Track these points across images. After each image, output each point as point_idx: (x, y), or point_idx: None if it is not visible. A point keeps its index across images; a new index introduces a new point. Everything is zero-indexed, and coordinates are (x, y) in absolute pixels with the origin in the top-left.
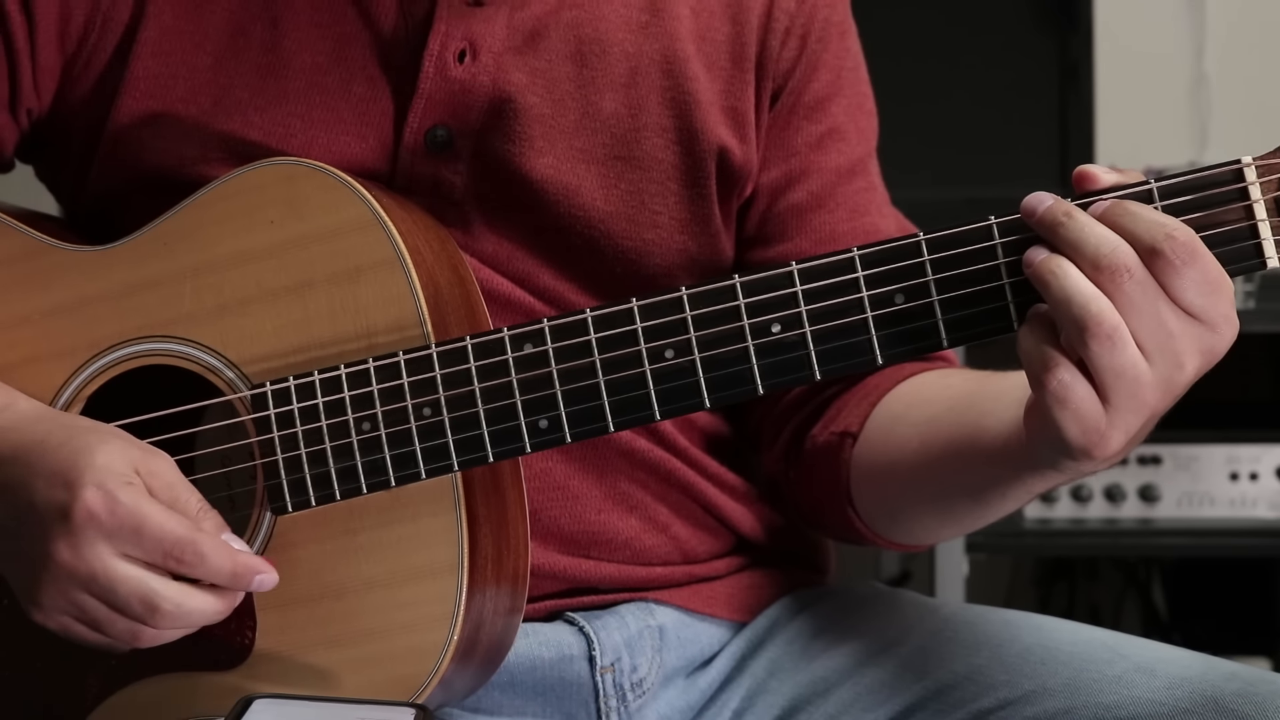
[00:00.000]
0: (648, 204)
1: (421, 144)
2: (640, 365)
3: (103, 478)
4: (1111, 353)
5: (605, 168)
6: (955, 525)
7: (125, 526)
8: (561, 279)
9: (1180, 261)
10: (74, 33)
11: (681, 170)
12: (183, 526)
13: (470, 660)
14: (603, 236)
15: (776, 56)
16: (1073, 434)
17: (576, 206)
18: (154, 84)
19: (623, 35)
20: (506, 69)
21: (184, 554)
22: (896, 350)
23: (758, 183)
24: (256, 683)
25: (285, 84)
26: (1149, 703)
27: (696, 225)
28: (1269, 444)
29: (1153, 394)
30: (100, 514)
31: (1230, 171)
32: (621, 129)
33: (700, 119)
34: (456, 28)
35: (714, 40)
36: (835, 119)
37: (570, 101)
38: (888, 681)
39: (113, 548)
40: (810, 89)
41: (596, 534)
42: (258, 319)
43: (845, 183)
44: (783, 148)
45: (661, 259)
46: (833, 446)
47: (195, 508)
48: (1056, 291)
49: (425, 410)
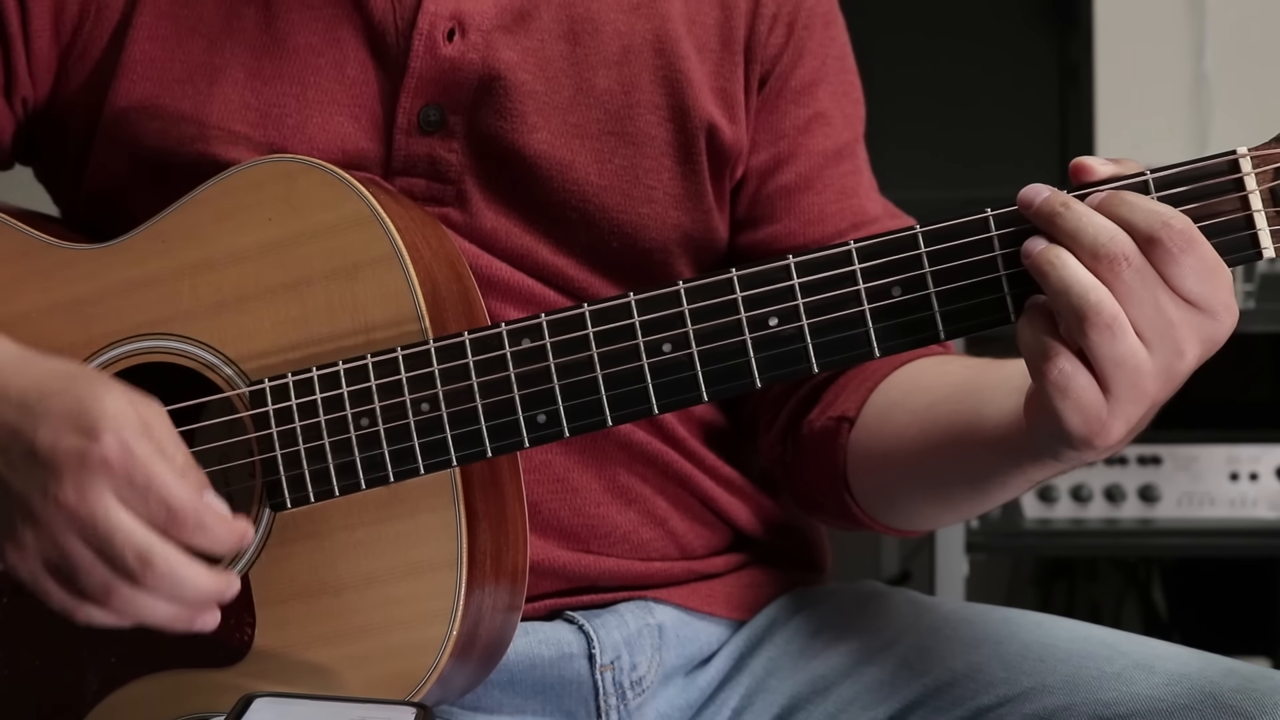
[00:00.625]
0: (642, 179)
1: (415, 123)
2: (638, 359)
3: (119, 426)
4: (1111, 342)
5: (599, 143)
6: (953, 512)
7: (136, 479)
8: (559, 254)
9: (1178, 249)
10: (69, 21)
11: (674, 146)
12: (190, 494)
13: (469, 657)
14: (598, 210)
15: (764, 42)
16: (1074, 424)
17: (571, 181)
18: (150, 68)
19: (614, 15)
20: (496, 47)
21: (185, 521)
22: (894, 342)
23: (747, 166)
24: (255, 680)
25: (280, 64)
26: (1148, 699)
27: (690, 201)
28: (1269, 444)
29: (1153, 383)
30: (115, 463)
31: (1226, 162)
32: (615, 105)
33: (692, 97)
34: (445, 7)
35: (704, 24)
36: (821, 104)
37: (564, 78)
38: (887, 679)
39: (118, 496)
40: (796, 74)
41: (595, 527)
42: (256, 316)
43: (832, 165)
44: (770, 131)
45: (657, 233)
46: (829, 431)
47: (181, 461)
48: (1055, 281)
49: (423, 406)
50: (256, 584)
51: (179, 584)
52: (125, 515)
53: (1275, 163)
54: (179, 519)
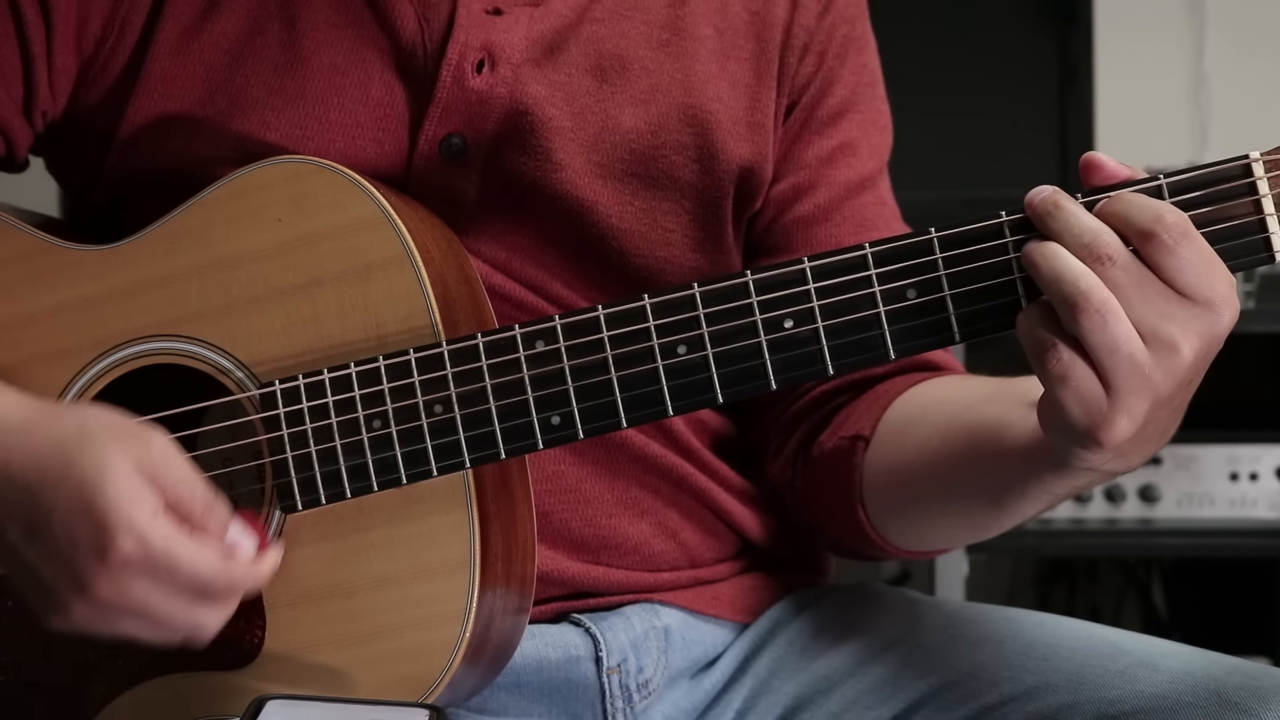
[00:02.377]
0: (661, 221)
1: (437, 152)
2: (653, 361)
3: (130, 515)
4: (1103, 328)
5: (622, 184)
6: (970, 528)
7: (161, 567)
8: (570, 289)
9: (1173, 240)
10: (91, 36)
11: (698, 189)
12: (213, 563)
13: (479, 659)
14: (615, 253)
15: (794, 72)
16: (1075, 414)
17: (590, 222)
18: (171, 84)
19: (644, 52)
20: (525, 81)
21: (217, 590)
22: (909, 344)
23: (768, 195)
24: (266, 682)
25: (303, 83)
26: (1152, 696)
27: (709, 244)
28: (1269, 444)
29: (1155, 374)
30: (136, 559)
31: (1239, 167)
32: (641, 146)
33: (721, 139)
34: (475, 38)
35: (739, 59)
36: (848, 133)
37: (590, 115)
38: (890, 679)
39: (152, 583)
40: (825, 104)
41: (607, 538)
42: (266, 318)
43: (853, 197)
44: (793, 160)
45: (672, 277)
46: (843, 451)
47: (201, 507)
48: (1046, 272)
49: (436, 408)
50: (267, 586)
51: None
52: (166, 600)
53: None
54: (212, 591)
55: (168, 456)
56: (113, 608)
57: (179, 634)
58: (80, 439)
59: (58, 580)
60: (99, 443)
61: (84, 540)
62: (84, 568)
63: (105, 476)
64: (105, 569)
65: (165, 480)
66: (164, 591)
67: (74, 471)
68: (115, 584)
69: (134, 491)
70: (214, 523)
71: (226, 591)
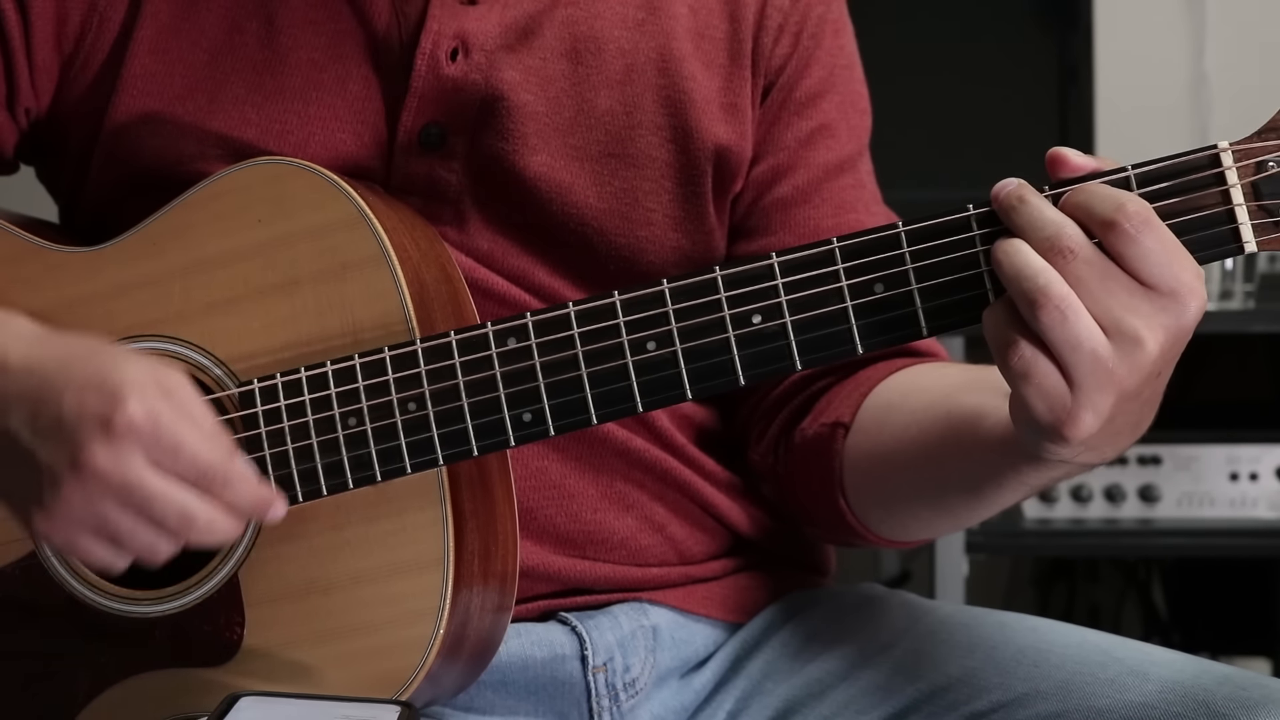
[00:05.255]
0: (641, 201)
1: (415, 142)
2: (623, 357)
3: (143, 390)
4: (1063, 324)
5: (599, 165)
6: (948, 518)
7: (164, 442)
8: (556, 276)
9: (1135, 229)
10: (70, 33)
11: (676, 168)
12: (216, 452)
13: (457, 656)
14: (596, 234)
15: (769, 53)
16: (1039, 410)
17: (570, 204)
18: (151, 82)
19: (619, 33)
20: (499, 67)
21: (214, 479)
22: (876, 339)
23: (748, 177)
24: (245, 679)
25: (282, 80)
26: (1141, 706)
27: (690, 223)
28: (1269, 444)
29: (1119, 369)
30: (143, 426)
31: (1207, 157)
32: (616, 126)
33: (696, 117)
34: (449, 26)
35: (713, 38)
36: (826, 115)
37: (565, 99)
38: (882, 684)
39: (148, 459)
40: (802, 85)
41: (592, 533)
42: (245, 317)
43: (832, 179)
44: (772, 143)
45: (655, 256)
46: (824, 438)
47: (209, 425)
48: (1008, 269)
49: (410, 405)
50: (246, 583)
51: (215, 535)
52: (159, 479)
53: (1256, 156)
54: (209, 477)
55: (186, 386)
56: (105, 486)
57: (166, 522)
58: (104, 343)
59: (55, 456)
60: (124, 350)
61: (91, 408)
62: (87, 436)
63: (125, 367)
64: (108, 437)
65: (180, 395)
66: (162, 472)
67: (95, 358)
68: (114, 454)
69: (149, 377)
70: (224, 441)
71: (223, 485)
